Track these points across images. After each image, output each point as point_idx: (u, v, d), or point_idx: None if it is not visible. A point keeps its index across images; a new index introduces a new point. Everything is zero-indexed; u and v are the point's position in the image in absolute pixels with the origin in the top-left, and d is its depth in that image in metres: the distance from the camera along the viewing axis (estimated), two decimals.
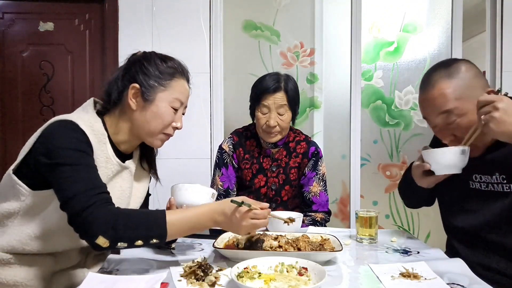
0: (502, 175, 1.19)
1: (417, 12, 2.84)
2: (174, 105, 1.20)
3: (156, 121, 1.18)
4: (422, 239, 2.70)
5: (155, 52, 1.24)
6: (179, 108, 1.22)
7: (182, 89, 1.22)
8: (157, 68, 1.19)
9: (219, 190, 1.76)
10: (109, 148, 1.16)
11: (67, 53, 2.71)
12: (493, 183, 1.21)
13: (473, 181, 1.26)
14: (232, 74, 2.76)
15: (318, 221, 1.71)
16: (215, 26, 2.64)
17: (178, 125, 1.23)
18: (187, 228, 1.07)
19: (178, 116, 1.22)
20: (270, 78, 1.70)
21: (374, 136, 2.85)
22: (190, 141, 2.63)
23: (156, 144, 1.23)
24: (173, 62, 1.23)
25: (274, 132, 1.70)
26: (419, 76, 2.79)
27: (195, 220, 1.07)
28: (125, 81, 1.18)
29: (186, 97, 1.24)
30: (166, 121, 1.19)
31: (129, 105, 1.16)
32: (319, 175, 1.77)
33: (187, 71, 1.26)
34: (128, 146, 1.24)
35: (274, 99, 1.67)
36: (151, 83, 1.17)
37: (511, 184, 1.17)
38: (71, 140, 1.05)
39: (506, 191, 1.18)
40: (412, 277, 1.01)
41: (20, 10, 2.68)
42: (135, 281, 0.97)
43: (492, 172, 1.20)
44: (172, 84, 1.19)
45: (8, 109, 2.66)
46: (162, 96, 1.18)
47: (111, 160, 1.16)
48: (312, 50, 2.82)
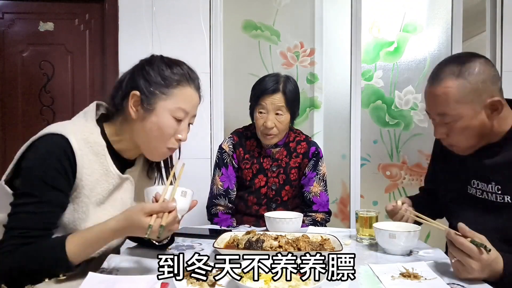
0: (497, 185, 1.17)
1: (417, 12, 2.84)
2: (176, 115, 1.09)
3: (156, 133, 1.09)
4: (422, 239, 2.69)
5: (162, 56, 1.15)
6: (183, 119, 1.12)
7: (188, 98, 1.12)
8: (159, 73, 1.09)
9: (219, 190, 1.76)
10: (108, 160, 1.10)
11: (67, 53, 2.70)
12: (487, 191, 1.20)
13: (471, 186, 1.25)
14: (232, 74, 2.76)
15: (318, 221, 1.72)
16: (215, 26, 2.64)
17: (182, 137, 1.13)
18: (92, 250, 1.02)
19: (182, 128, 1.12)
20: (269, 79, 1.71)
21: (374, 136, 2.85)
22: (190, 141, 2.60)
23: (155, 159, 1.16)
24: (180, 67, 1.12)
25: (271, 134, 1.70)
26: (419, 76, 2.79)
27: (96, 239, 1.00)
28: (128, 87, 1.10)
29: (193, 106, 1.13)
30: (167, 134, 1.10)
31: (130, 113, 1.08)
32: (320, 175, 1.77)
33: (196, 77, 1.16)
34: (132, 153, 1.18)
35: (272, 100, 1.67)
36: (151, 90, 1.08)
37: (505, 195, 1.16)
38: (44, 169, 1.00)
39: (500, 201, 1.17)
40: (412, 277, 1.01)
41: (20, 10, 2.68)
42: (135, 281, 0.97)
43: (489, 180, 1.19)
44: (175, 92, 1.09)
45: (8, 109, 2.66)
46: (163, 105, 1.08)
47: (111, 172, 1.10)
48: (312, 50, 2.82)
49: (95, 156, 1.08)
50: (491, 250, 0.98)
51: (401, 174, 2.86)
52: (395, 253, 1.24)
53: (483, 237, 1.00)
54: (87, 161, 1.05)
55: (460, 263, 0.99)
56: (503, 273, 0.99)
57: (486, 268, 0.97)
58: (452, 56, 1.23)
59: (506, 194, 1.16)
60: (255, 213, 1.77)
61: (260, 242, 1.17)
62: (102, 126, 1.13)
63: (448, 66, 1.14)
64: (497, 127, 1.16)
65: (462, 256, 0.98)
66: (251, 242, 1.18)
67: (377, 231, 1.27)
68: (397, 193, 2.86)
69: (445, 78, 1.13)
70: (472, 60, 1.12)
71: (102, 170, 1.09)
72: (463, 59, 1.14)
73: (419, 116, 2.80)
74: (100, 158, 1.08)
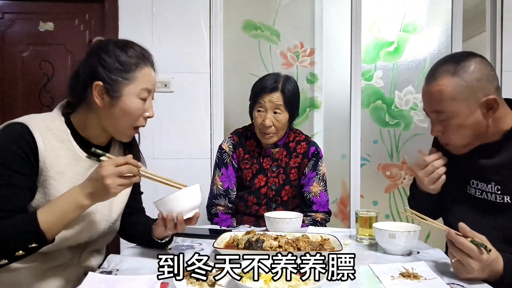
0: (497, 186, 1.17)
1: (417, 12, 2.84)
2: (142, 96, 1.14)
3: (125, 117, 1.13)
4: (422, 239, 2.69)
5: (112, 41, 1.16)
6: (148, 97, 1.16)
7: (148, 77, 1.15)
8: (116, 59, 1.11)
9: (219, 190, 1.76)
10: (74, 145, 1.13)
11: (67, 53, 2.70)
12: (487, 191, 1.20)
13: (470, 186, 1.25)
14: (232, 74, 2.76)
15: (318, 221, 1.72)
16: (215, 26, 2.64)
17: (150, 114, 1.17)
18: (65, 218, 1.01)
19: (148, 105, 1.16)
20: (269, 78, 1.71)
21: (374, 136, 2.85)
22: (190, 141, 2.63)
23: (125, 140, 1.20)
24: (134, 49, 1.15)
25: (269, 133, 1.70)
26: (419, 76, 2.80)
27: (64, 204, 1.01)
28: (86, 77, 1.12)
29: (153, 84, 1.18)
30: (136, 115, 1.14)
31: (95, 102, 1.12)
32: (319, 175, 1.77)
33: (149, 55, 1.19)
34: (102, 139, 1.21)
35: (270, 98, 1.68)
36: (113, 77, 1.10)
37: (505, 195, 1.16)
38: (5, 155, 1.03)
39: (499, 201, 1.17)
40: (412, 277, 1.01)
41: (20, 10, 2.68)
42: (135, 281, 0.97)
43: (489, 180, 1.19)
44: (136, 75, 1.12)
45: (8, 109, 2.66)
46: (128, 90, 1.12)
47: (80, 156, 1.13)
48: (312, 50, 2.82)
49: (60, 142, 1.11)
50: (491, 250, 0.98)
51: (401, 174, 2.86)
52: (395, 253, 1.24)
53: (483, 237, 1.00)
54: (49, 146, 1.08)
55: (460, 263, 0.99)
56: (503, 273, 0.99)
57: (486, 268, 0.97)
58: (448, 55, 1.24)
59: (505, 194, 1.16)
60: (255, 213, 1.77)
61: (260, 242, 1.17)
62: (68, 117, 1.17)
63: (444, 65, 1.16)
64: (493, 127, 1.16)
65: (462, 256, 0.98)
66: (251, 242, 1.18)
67: (377, 231, 1.27)
68: (397, 193, 2.86)
69: (440, 76, 1.14)
70: (468, 59, 1.13)
71: (70, 155, 1.12)
72: (459, 58, 1.15)
73: (419, 116, 2.80)
74: (65, 144, 1.12)
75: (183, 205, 1.10)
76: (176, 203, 1.10)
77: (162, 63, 2.58)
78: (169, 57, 2.60)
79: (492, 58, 2.71)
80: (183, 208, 1.11)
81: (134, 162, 1.03)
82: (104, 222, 1.20)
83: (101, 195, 1.01)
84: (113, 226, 1.26)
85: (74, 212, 1.02)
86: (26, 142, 1.05)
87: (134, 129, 1.18)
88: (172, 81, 2.61)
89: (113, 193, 1.00)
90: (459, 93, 1.12)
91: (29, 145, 1.05)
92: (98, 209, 1.16)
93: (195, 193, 1.12)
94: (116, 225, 1.28)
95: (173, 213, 1.10)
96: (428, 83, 1.18)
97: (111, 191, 0.99)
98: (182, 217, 1.10)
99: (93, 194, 1.01)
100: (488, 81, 1.13)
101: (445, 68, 1.15)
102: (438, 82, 1.14)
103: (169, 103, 2.60)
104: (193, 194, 1.12)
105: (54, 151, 1.09)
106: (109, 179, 0.98)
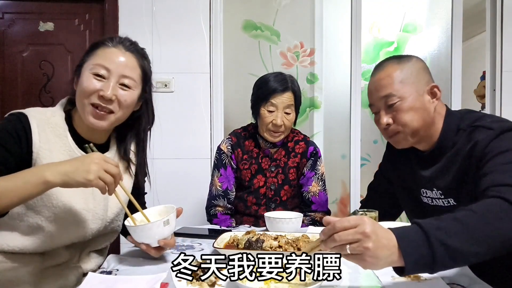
0: (439, 190, 1.21)
1: (417, 12, 2.84)
2: (95, 71, 1.11)
3: (80, 94, 1.12)
4: None
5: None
6: (107, 76, 1.12)
7: (109, 55, 1.13)
8: (92, 44, 1.17)
9: (218, 191, 1.76)
10: (70, 141, 1.14)
11: (67, 53, 2.70)
12: (434, 198, 1.24)
13: (422, 195, 1.28)
14: (232, 74, 2.76)
15: (318, 221, 1.72)
16: (215, 26, 2.64)
17: (104, 93, 1.10)
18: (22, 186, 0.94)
19: (106, 85, 1.11)
20: (277, 78, 1.72)
21: (374, 136, 2.85)
22: (190, 141, 2.63)
23: (89, 121, 1.12)
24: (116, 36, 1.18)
25: (279, 132, 1.71)
26: None
27: (28, 174, 0.96)
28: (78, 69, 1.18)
29: (117, 64, 1.13)
30: (88, 90, 1.10)
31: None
32: (318, 175, 1.77)
33: (125, 39, 1.18)
34: (93, 136, 1.19)
35: (282, 98, 1.69)
36: (84, 59, 1.15)
37: (449, 198, 1.19)
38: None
39: (447, 205, 1.20)
40: (412, 277, 1.01)
41: (20, 10, 2.68)
42: (135, 281, 0.97)
43: (431, 187, 1.23)
44: (96, 52, 1.14)
45: (8, 109, 2.62)
46: (85, 67, 1.14)
47: (75, 153, 1.13)
48: (312, 50, 2.82)
49: (56, 137, 1.12)
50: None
51: None
52: None
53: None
54: (45, 139, 1.09)
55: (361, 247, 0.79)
56: (397, 244, 0.82)
57: (377, 230, 0.80)
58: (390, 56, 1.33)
59: (448, 197, 1.19)
60: (255, 213, 1.77)
61: (260, 242, 1.17)
62: (69, 114, 1.19)
63: (388, 60, 1.25)
64: (435, 123, 1.21)
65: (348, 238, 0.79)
66: (251, 242, 1.18)
67: None
68: None
69: (387, 66, 1.23)
70: (408, 56, 1.25)
71: (65, 151, 1.13)
72: (401, 55, 1.27)
73: None
74: (62, 139, 1.13)
75: (147, 237, 1.10)
76: (140, 233, 1.10)
77: (162, 63, 2.62)
78: (169, 57, 2.60)
79: (492, 58, 2.72)
80: (149, 240, 1.11)
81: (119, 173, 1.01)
82: (98, 221, 1.19)
83: (75, 177, 0.94)
84: (111, 226, 1.26)
85: (36, 187, 0.94)
86: (22, 127, 1.08)
87: (91, 107, 1.12)
88: (172, 81, 2.61)
89: (89, 180, 0.94)
90: (406, 77, 1.19)
91: (24, 129, 1.08)
92: (90, 208, 1.17)
93: (159, 227, 1.08)
94: (115, 225, 1.27)
95: (139, 241, 1.12)
96: (376, 73, 1.25)
97: (90, 176, 0.94)
98: (150, 246, 1.11)
99: (68, 173, 0.94)
100: (428, 74, 1.23)
101: (390, 61, 1.24)
102: (386, 70, 1.22)
103: (169, 103, 2.60)
104: (157, 228, 1.09)
105: (49, 144, 1.10)
106: (96, 165, 0.96)
